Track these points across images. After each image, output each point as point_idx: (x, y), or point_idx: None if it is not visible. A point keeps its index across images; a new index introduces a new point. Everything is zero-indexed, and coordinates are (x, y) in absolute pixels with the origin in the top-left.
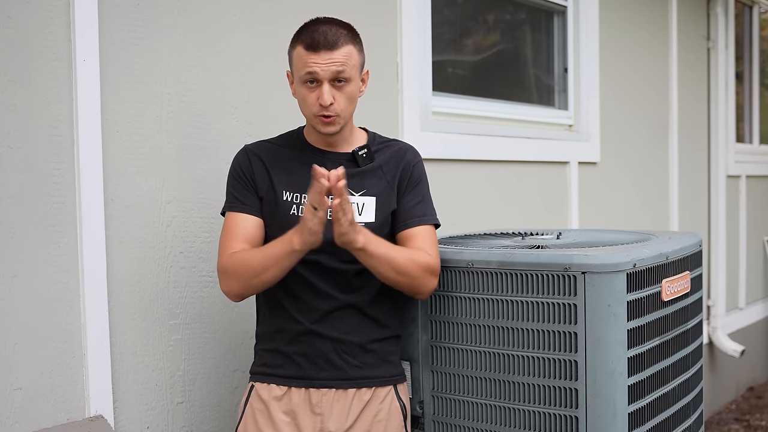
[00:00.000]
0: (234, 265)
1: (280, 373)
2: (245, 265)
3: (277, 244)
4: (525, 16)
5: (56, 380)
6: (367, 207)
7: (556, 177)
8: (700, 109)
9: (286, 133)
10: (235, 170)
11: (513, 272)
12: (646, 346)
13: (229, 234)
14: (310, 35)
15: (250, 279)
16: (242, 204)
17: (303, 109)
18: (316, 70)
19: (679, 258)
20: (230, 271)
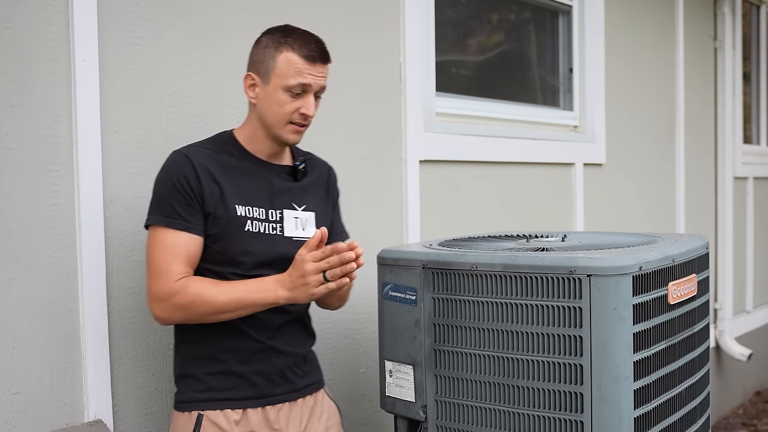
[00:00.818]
0: (189, 296)
1: (233, 396)
2: (205, 301)
3: (256, 292)
4: (529, 15)
5: (55, 384)
6: (309, 222)
7: (561, 178)
8: (707, 110)
9: (214, 137)
10: (178, 181)
11: (517, 275)
12: (652, 350)
13: (170, 254)
14: (306, 45)
15: (206, 316)
16: (186, 222)
17: (273, 116)
18: (310, 82)
19: (685, 261)
20: (181, 302)
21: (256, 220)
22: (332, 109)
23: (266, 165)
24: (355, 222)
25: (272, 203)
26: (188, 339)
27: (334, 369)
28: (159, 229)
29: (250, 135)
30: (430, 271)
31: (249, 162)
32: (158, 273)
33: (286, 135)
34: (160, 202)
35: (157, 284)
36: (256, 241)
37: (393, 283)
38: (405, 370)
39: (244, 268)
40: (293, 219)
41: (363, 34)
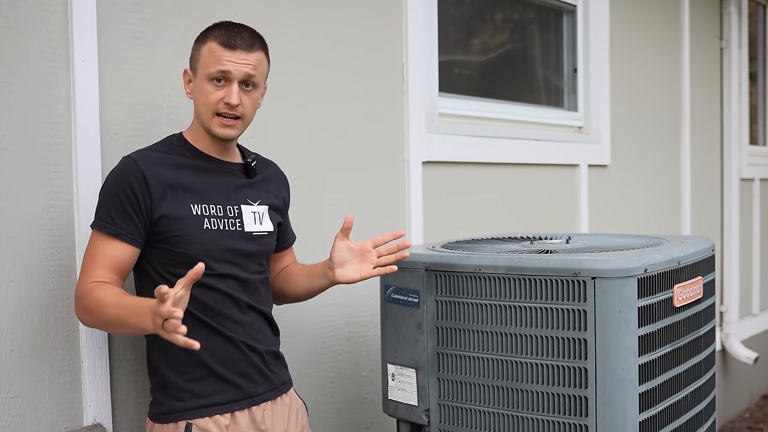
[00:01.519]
0: (90, 301)
1: (218, 401)
2: (99, 309)
3: (134, 315)
4: (534, 15)
5: (54, 388)
6: (264, 216)
7: (565, 180)
8: (713, 111)
9: (165, 140)
10: (122, 187)
11: (521, 277)
12: (658, 353)
13: (94, 258)
14: (226, 33)
15: (102, 325)
16: (118, 229)
17: (201, 108)
18: (230, 69)
19: (691, 263)
20: (85, 305)
21: (214, 217)
22: (333, 110)
23: (218, 162)
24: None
25: (229, 199)
26: (164, 346)
27: (336, 372)
28: (93, 231)
29: (195, 133)
30: (433, 273)
31: (201, 161)
32: (82, 273)
33: (216, 129)
34: (100, 206)
35: (78, 284)
36: (216, 238)
37: (395, 285)
38: (407, 374)
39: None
40: (251, 213)
41: (365, 33)
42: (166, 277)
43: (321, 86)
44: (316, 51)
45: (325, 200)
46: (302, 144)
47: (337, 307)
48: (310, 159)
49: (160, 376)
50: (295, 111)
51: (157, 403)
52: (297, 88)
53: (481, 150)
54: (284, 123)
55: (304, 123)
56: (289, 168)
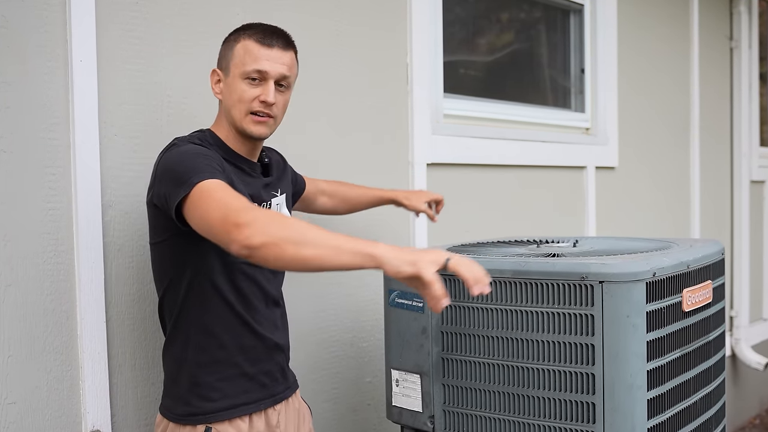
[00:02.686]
0: (267, 215)
1: (246, 400)
2: (288, 225)
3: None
4: (540, 14)
5: (52, 394)
6: (283, 206)
7: (572, 182)
8: (723, 112)
9: (199, 136)
10: (206, 152)
11: (527, 282)
12: (667, 359)
13: (233, 193)
14: (261, 31)
15: (285, 242)
16: (230, 180)
17: (234, 107)
18: (267, 68)
19: (700, 267)
20: (262, 219)
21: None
22: (336, 111)
23: (249, 164)
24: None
25: (261, 197)
26: (195, 343)
27: (339, 378)
28: (205, 183)
29: (225, 133)
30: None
31: (236, 161)
32: (232, 202)
33: (249, 127)
34: (191, 168)
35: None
36: None
37: (400, 289)
38: (412, 380)
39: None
40: (276, 206)
41: (368, 33)
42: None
43: (323, 87)
44: (318, 50)
45: None
46: (303, 145)
47: (340, 312)
48: (311, 160)
49: (188, 375)
50: (296, 112)
51: (183, 403)
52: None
53: (486, 152)
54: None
55: (306, 124)
56: None
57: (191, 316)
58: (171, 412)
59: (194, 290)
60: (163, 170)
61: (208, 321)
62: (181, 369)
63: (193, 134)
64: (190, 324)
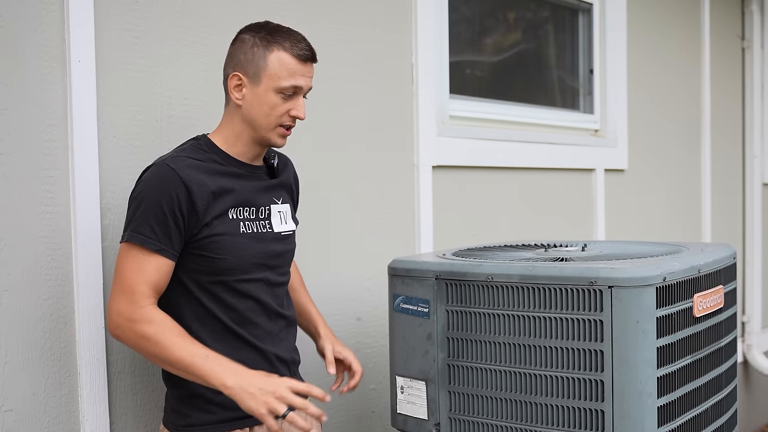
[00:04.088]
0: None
1: (245, 413)
2: (160, 345)
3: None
4: (548, 14)
5: (50, 401)
6: (287, 215)
7: (581, 185)
8: (734, 113)
9: (192, 145)
10: (166, 201)
11: (535, 286)
12: (677, 365)
13: (138, 274)
14: (297, 44)
15: (151, 357)
16: (160, 244)
17: (263, 118)
18: (302, 84)
19: (711, 271)
20: (140, 332)
21: (248, 220)
22: (339, 112)
23: (248, 167)
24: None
25: (260, 200)
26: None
27: None
28: (129, 245)
29: (233, 138)
30: (444, 282)
31: (233, 166)
32: (125, 290)
33: (275, 138)
34: (138, 218)
35: (123, 302)
36: (252, 242)
37: (404, 294)
38: (417, 386)
39: (244, 271)
40: (277, 213)
41: (373, 33)
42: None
43: (326, 87)
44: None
45: (331, 206)
46: (305, 147)
47: (344, 317)
48: (313, 162)
49: (184, 388)
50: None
51: (182, 415)
52: None
53: (493, 154)
54: None
55: (308, 126)
56: None
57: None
58: (172, 423)
59: (184, 307)
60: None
61: (202, 335)
62: (178, 382)
63: (186, 144)
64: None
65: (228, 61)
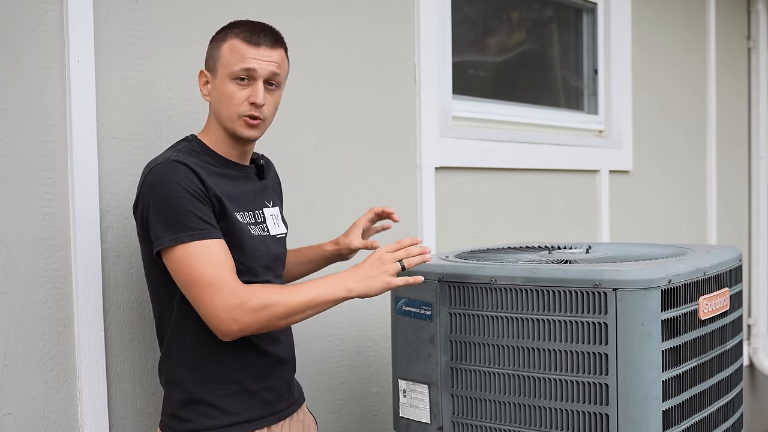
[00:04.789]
0: (261, 301)
1: (249, 418)
2: (280, 303)
3: (325, 287)
4: (552, 13)
5: (49, 405)
6: (278, 217)
7: (585, 186)
8: (740, 113)
9: (185, 147)
10: (188, 186)
11: (539, 289)
12: (682, 368)
13: (218, 265)
14: (248, 29)
15: (278, 320)
16: (215, 229)
17: (224, 109)
18: (255, 66)
19: (717, 273)
20: (255, 306)
21: (251, 224)
22: (341, 113)
23: (240, 168)
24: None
25: (255, 204)
26: (190, 362)
27: (345, 388)
28: (191, 244)
29: (215, 138)
30: (447, 284)
31: (226, 168)
32: (215, 287)
33: (240, 129)
34: (178, 215)
35: (220, 296)
36: (259, 244)
37: (407, 297)
38: (420, 390)
39: (254, 273)
40: (270, 216)
41: (375, 32)
42: None
43: (328, 88)
44: (323, 50)
45: (332, 208)
46: (307, 148)
47: (346, 320)
48: (315, 164)
49: (186, 393)
50: (300, 114)
51: (182, 421)
52: (301, 89)
53: (496, 155)
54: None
55: (310, 127)
56: (293, 174)
57: (185, 335)
58: (172, 429)
59: (187, 309)
60: (151, 196)
61: (203, 339)
62: (177, 388)
63: (180, 146)
64: (184, 343)
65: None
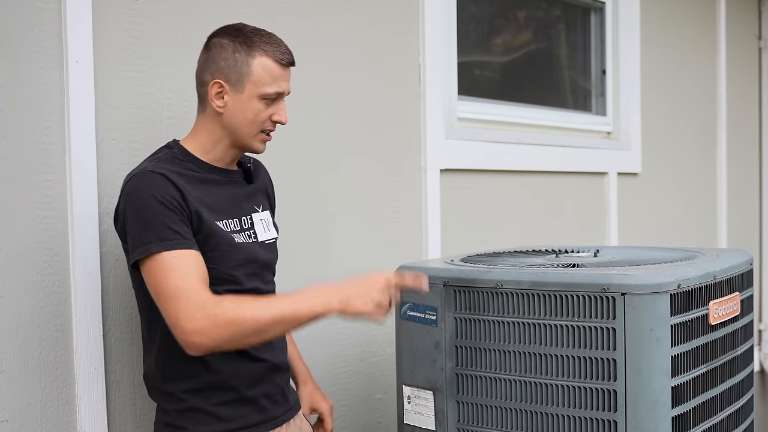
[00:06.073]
0: (230, 315)
1: (244, 425)
2: (249, 318)
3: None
4: (559, 13)
5: (47, 411)
6: (269, 222)
7: (593, 189)
8: (751, 114)
9: (166, 155)
10: (163, 198)
11: (546, 293)
12: (692, 374)
13: (187, 275)
14: (277, 48)
15: (248, 337)
16: (186, 239)
17: (246, 125)
18: (285, 89)
19: (727, 278)
20: (222, 321)
21: (235, 232)
22: (345, 114)
23: (225, 173)
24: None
25: (242, 210)
26: (183, 372)
27: (349, 394)
28: (160, 255)
29: (210, 145)
30: (452, 289)
31: (211, 174)
32: (181, 298)
33: (257, 144)
34: (150, 226)
35: (186, 308)
36: (244, 251)
37: (411, 302)
38: (424, 396)
39: (238, 282)
40: (260, 222)
41: (378, 32)
42: None
43: (331, 88)
44: (326, 51)
45: (334, 211)
46: (309, 149)
47: (349, 325)
48: (317, 165)
49: (180, 401)
50: (302, 115)
51: (177, 428)
52: (303, 90)
53: (502, 157)
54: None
55: (312, 127)
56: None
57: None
58: None
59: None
60: (125, 211)
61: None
62: (170, 398)
63: (160, 154)
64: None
65: (205, 67)
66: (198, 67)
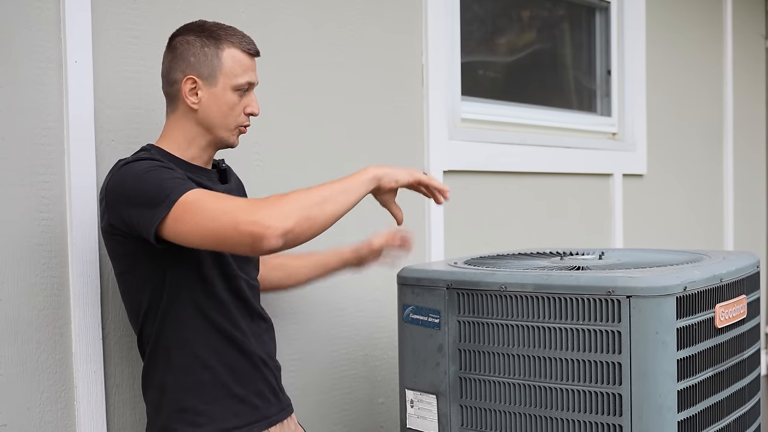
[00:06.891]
0: (283, 197)
1: (237, 424)
2: (299, 193)
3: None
4: (564, 12)
5: (45, 416)
6: None
7: (598, 190)
8: (758, 115)
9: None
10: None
11: (550, 296)
12: (698, 378)
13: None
14: (243, 39)
15: (310, 208)
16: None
17: (222, 119)
18: (254, 79)
19: (734, 280)
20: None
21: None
22: (346, 115)
23: (203, 171)
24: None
25: None
26: (176, 366)
27: (350, 398)
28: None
29: (186, 144)
30: (455, 291)
31: (191, 171)
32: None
33: (233, 139)
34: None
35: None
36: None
37: (414, 304)
38: (427, 400)
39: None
40: None
41: (381, 33)
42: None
43: (332, 89)
44: (326, 52)
45: None
46: (310, 150)
47: (351, 329)
48: (318, 166)
49: (175, 401)
50: (303, 116)
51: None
52: (304, 90)
53: (506, 158)
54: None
55: (314, 128)
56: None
57: (170, 339)
58: None
59: (172, 312)
60: (121, 193)
61: (189, 341)
62: (164, 396)
63: (140, 154)
64: (170, 347)
65: (173, 65)
66: (164, 67)
